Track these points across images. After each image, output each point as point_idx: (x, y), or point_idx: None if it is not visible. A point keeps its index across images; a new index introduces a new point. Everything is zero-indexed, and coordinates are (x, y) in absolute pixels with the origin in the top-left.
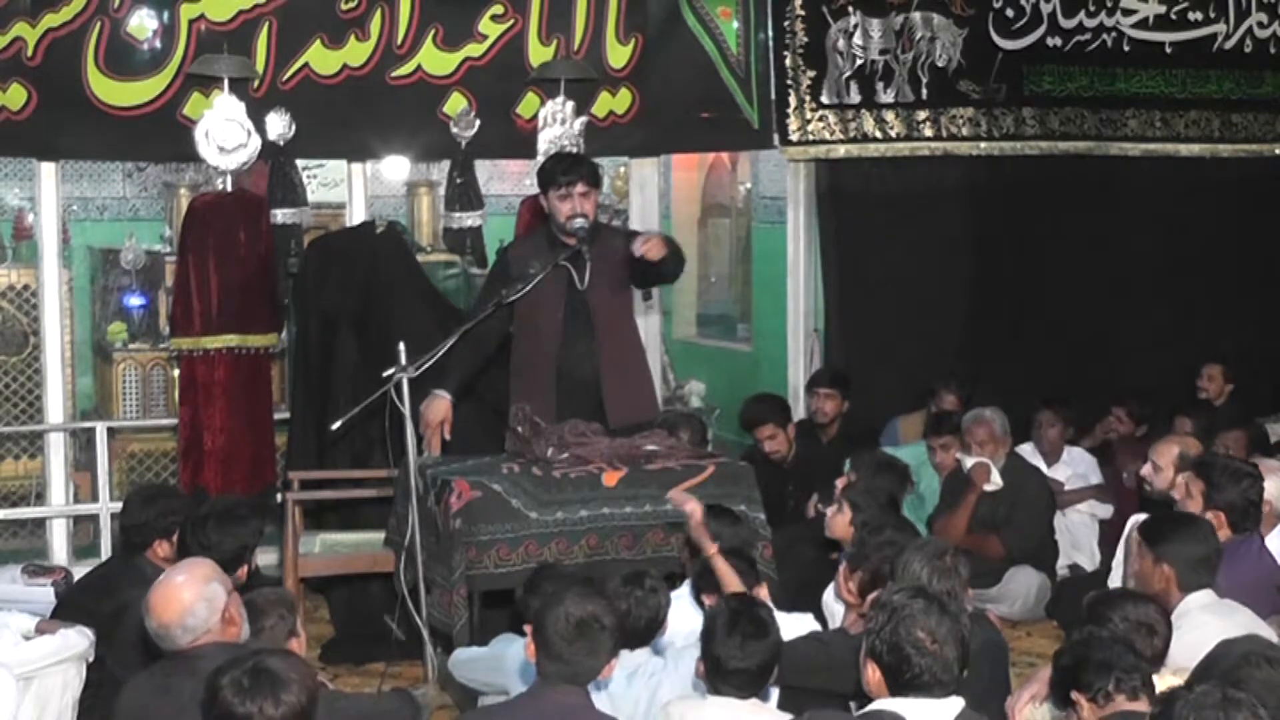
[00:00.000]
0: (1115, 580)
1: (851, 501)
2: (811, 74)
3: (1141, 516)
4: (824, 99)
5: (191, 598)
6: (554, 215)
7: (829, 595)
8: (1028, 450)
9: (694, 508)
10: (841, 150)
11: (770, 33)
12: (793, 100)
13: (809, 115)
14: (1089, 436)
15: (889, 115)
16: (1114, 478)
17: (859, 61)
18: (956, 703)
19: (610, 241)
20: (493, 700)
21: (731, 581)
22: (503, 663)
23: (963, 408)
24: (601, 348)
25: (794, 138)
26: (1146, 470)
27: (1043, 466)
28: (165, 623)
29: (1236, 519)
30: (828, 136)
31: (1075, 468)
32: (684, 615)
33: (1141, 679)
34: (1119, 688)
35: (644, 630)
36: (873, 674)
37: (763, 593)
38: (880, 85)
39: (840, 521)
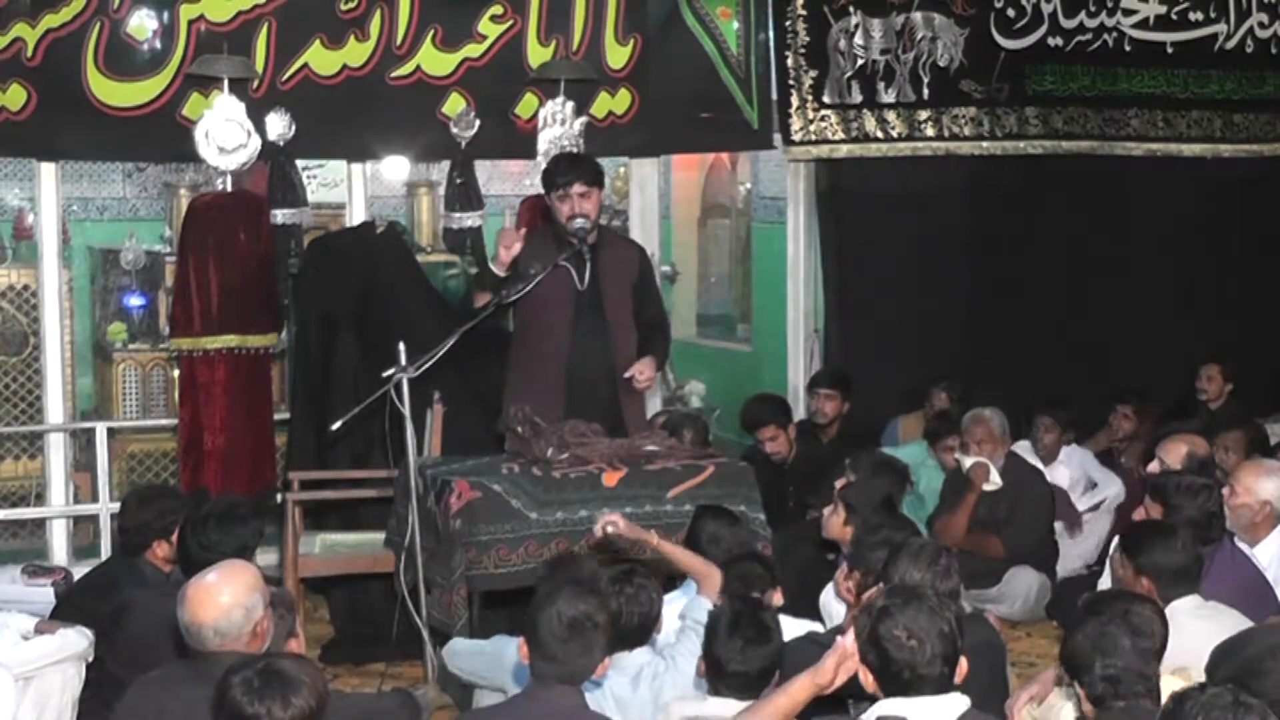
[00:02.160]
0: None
1: (846, 502)
2: (813, 74)
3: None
4: (826, 99)
5: (231, 603)
6: (556, 216)
7: (827, 595)
8: (1024, 449)
9: (611, 519)
10: (844, 150)
11: (771, 33)
12: (795, 100)
13: (811, 115)
14: (1092, 440)
15: (890, 115)
16: (1129, 480)
17: (860, 61)
18: (961, 701)
19: (622, 249)
20: (488, 698)
21: (686, 561)
22: (502, 660)
23: (958, 409)
24: (616, 351)
25: (797, 137)
26: (1153, 468)
27: (1040, 466)
28: (200, 621)
29: (1200, 533)
30: (830, 136)
31: (1073, 467)
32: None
33: (1145, 687)
34: (1120, 694)
35: (639, 629)
36: (864, 675)
37: (776, 597)
38: (881, 85)
39: (835, 522)
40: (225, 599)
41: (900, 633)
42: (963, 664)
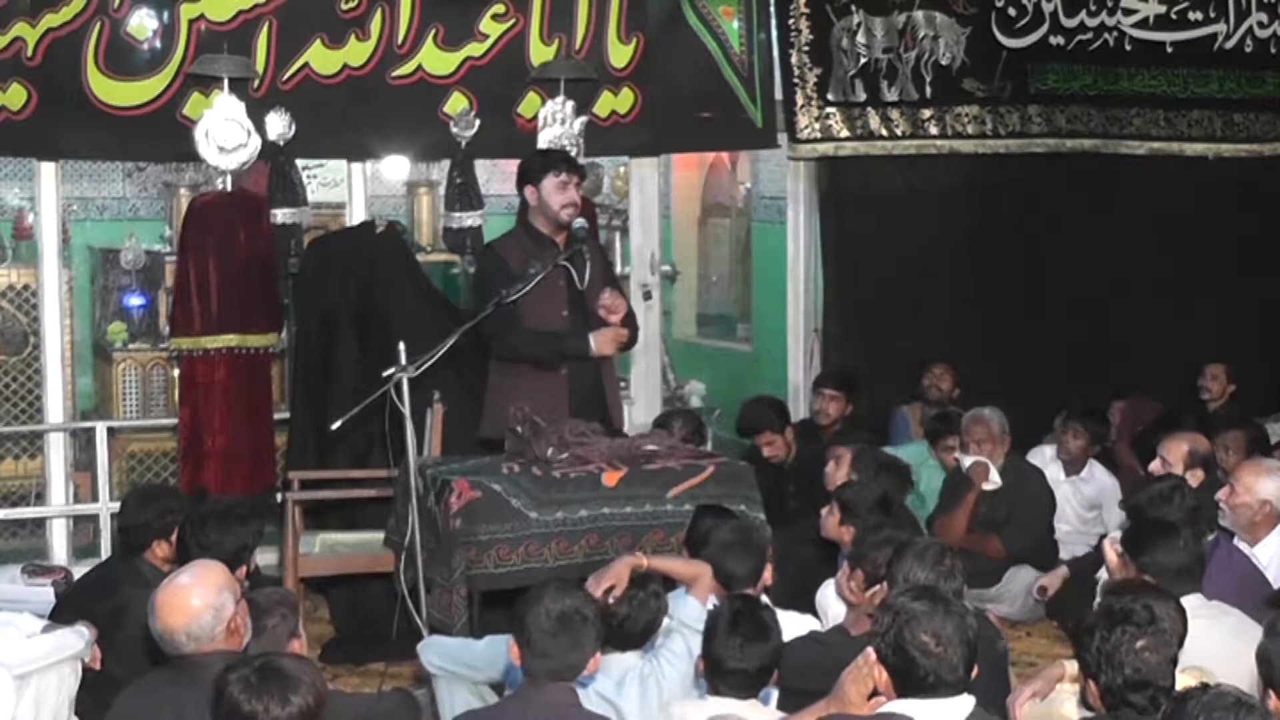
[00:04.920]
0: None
1: (841, 502)
2: (818, 71)
3: (1114, 533)
4: (830, 96)
5: (200, 606)
6: (546, 204)
7: (824, 593)
8: (1048, 455)
9: (610, 584)
10: (850, 147)
11: (771, 32)
12: (800, 98)
13: (816, 113)
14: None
15: (894, 113)
16: (1131, 478)
17: (863, 60)
18: (967, 702)
19: (592, 248)
20: (458, 694)
21: (675, 570)
22: (490, 653)
23: (955, 385)
24: None
25: (802, 135)
26: (1155, 466)
27: (1061, 475)
28: (171, 627)
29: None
30: (836, 134)
31: (1096, 487)
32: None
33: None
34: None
35: (640, 634)
36: (880, 675)
37: (767, 575)
38: (885, 84)
39: (831, 523)
40: (194, 602)
41: (928, 639)
42: (974, 666)
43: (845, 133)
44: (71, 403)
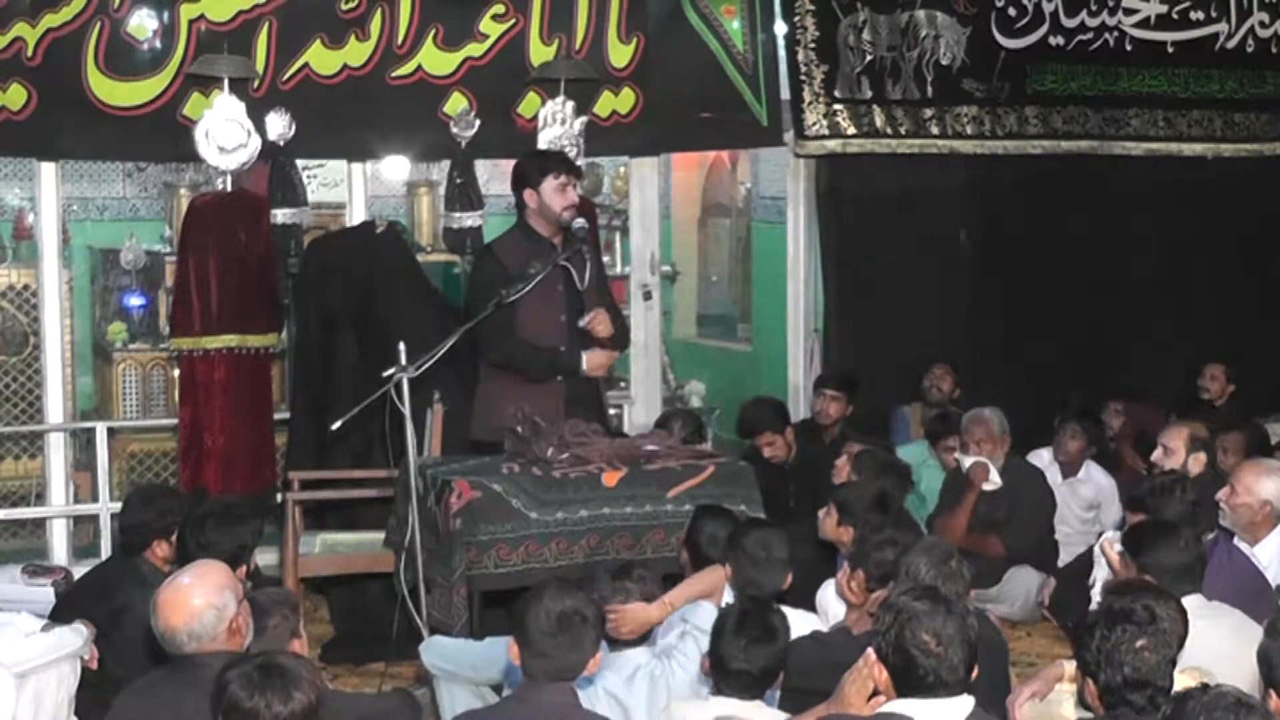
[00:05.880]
0: (1095, 593)
1: (838, 503)
2: (824, 68)
3: (1110, 533)
4: (837, 93)
5: (201, 605)
6: (547, 206)
7: (824, 593)
8: (1045, 459)
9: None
10: (857, 144)
11: (774, 30)
12: (807, 95)
13: (823, 109)
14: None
15: (898, 111)
16: (1131, 477)
17: (869, 57)
18: (967, 702)
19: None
20: (458, 695)
21: (694, 592)
22: (491, 654)
23: (956, 387)
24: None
25: (810, 132)
26: (1157, 455)
27: (1058, 478)
28: (172, 626)
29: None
30: (844, 131)
31: (1094, 487)
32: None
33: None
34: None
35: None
36: (880, 675)
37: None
38: (890, 81)
39: (829, 524)
40: (196, 601)
41: (929, 638)
42: (975, 666)
43: (852, 129)
44: (71, 403)
